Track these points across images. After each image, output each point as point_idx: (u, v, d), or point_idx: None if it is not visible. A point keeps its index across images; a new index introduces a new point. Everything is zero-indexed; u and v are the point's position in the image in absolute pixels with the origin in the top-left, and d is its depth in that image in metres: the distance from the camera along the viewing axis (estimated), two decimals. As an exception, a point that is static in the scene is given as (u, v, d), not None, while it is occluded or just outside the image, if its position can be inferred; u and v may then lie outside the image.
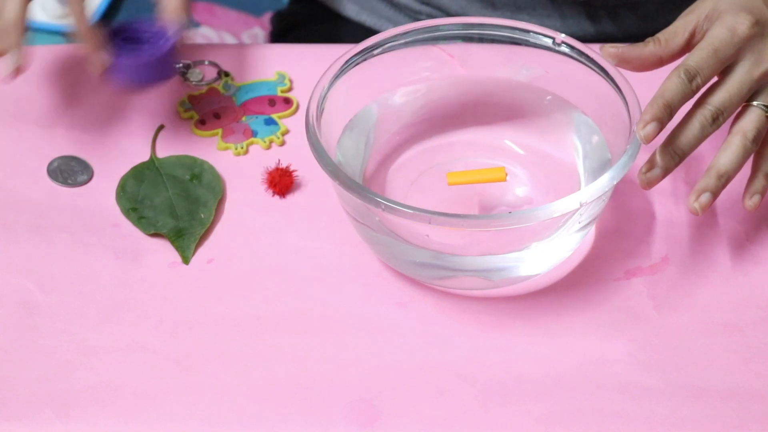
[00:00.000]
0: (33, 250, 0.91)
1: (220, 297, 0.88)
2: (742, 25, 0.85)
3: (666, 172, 0.83)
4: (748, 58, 0.85)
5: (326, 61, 0.91)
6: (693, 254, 0.90)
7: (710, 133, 0.84)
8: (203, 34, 1.95)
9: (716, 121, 0.84)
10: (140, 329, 0.87)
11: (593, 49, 0.90)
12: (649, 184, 0.84)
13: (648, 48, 0.87)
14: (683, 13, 0.87)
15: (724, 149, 0.85)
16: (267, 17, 1.93)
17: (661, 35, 0.87)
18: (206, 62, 1.04)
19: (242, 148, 0.98)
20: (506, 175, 0.88)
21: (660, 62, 0.87)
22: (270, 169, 0.95)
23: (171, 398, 0.83)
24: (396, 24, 1.14)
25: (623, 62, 0.87)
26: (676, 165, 0.84)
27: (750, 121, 0.85)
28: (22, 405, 0.83)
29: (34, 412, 0.82)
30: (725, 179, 0.84)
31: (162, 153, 0.98)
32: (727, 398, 0.82)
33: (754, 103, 0.85)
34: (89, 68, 0.91)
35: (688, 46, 0.86)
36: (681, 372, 0.84)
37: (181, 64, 1.02)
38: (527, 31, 0.92)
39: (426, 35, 0.93)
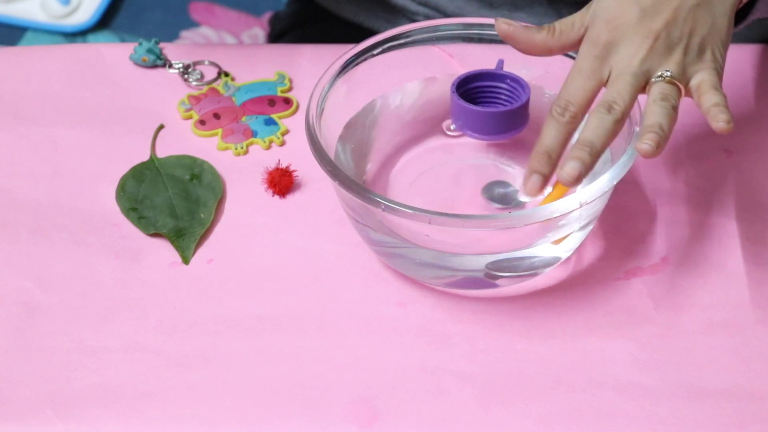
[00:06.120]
0: (33, 250, 0.91)
1: (220, 297, 0.88)
2: (601, 35, 0.83)
3: (582, 163, 0.80)
4: (622, 56, 0.83)
5: (326, 61, 0.91)
6: (693, 254, 0.90)
7: (612, 123, 0.81)
8: (203, 34, 1.95)
9: (611, 110, 0.81)
10: (140, 329, 0.87)
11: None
12: (572, 177, 0.80)
13: (540, 36, 0.86)
14: (587, 6, 0.86)
15: (649, 113, 0.82)
16: (267, 17, 1.93)
17: (558, 24, 0.86)
18: (206, 62, 1.04)
19: (242, 148, 0.98)
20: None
21: (549, 52, 0.87)
22: (270, 169, 0.95)
23: (171, 398, 0.83)
24: (394, 25, 1.14)
25: (512, 41, 0.86)
26: (591, 157, 0.80)
27: (655, 92, 0.83)
28: (22, 405, 0.83)
29: (34, 412, 0.82)
30: (664, 134, 0.81)
31: (162, 153, 0.98)
32: (727, 398, 0.83)
33: (652, 80, 0.84)
34: None
35: (581, 40, 0.85)
36: (681, 372, 0.84)
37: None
38: (527, 31, 0.92)
39: (426, 35, 0.93)
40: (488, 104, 0.91)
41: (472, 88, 0.91)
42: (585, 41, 0.84)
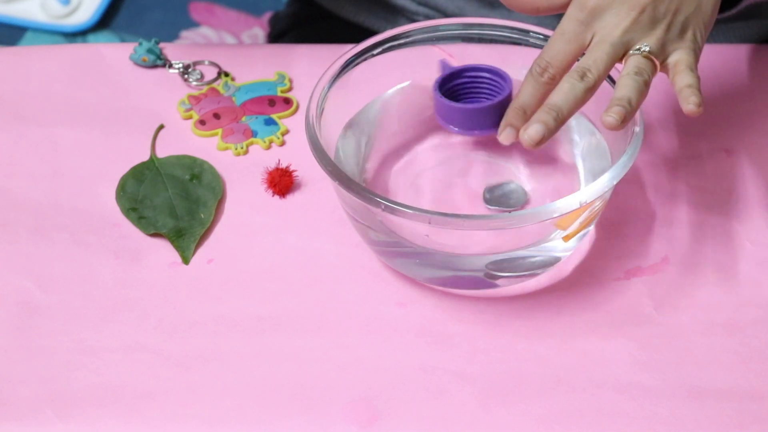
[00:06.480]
0: (33, 250, 0.91)
1: (220, 297, 0.88)
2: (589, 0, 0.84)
3: (546, 127, 0.80)
4: (605, 24, 0.84)
5: (326, 61, 0.91)
6: (693, 254, 0.90)
7: (582, 90, 0.82)
8: (203, 34, 1.95)
9: (584, 78, 0.82)
10: (140, 329, 0.87)
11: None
12: (533, 141, 0.80)
13: None
14: None
15: (621, 86, 0.82)
16: (267, 17, 1.93)
17: None
18: (206, 62, 1.04)
19: (242, 148, 0.98)
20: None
21: (536, 11, 0.87)
22: (270, 169, 0.95)
23: (171, 398, 0.83)
24: (394, 25, 1.14)
25: None
26: (556, 122, 0.81)
27: (631, 65, 0.83)
28: (22, 405, 0.83)
29: (34, 412, 0.82)
30: (631, 108, 0.82)
31: (162, 153, 0.98)
32: (727, 398, 0.83)
33: (630, 51, 0.84)
34: None
35: (569, 3, 0.85)
36: (681, 372, 0.84)
37: (181, 65, 1.03)
38: (527, 32, 0.92)
39: (426, 35, 0.93)
40: (470, 100, 0.91)
41: (455, 86, 0.91)
42: (572, 3, 0.85)
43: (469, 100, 0.90)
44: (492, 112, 0.87)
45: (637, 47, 0.83)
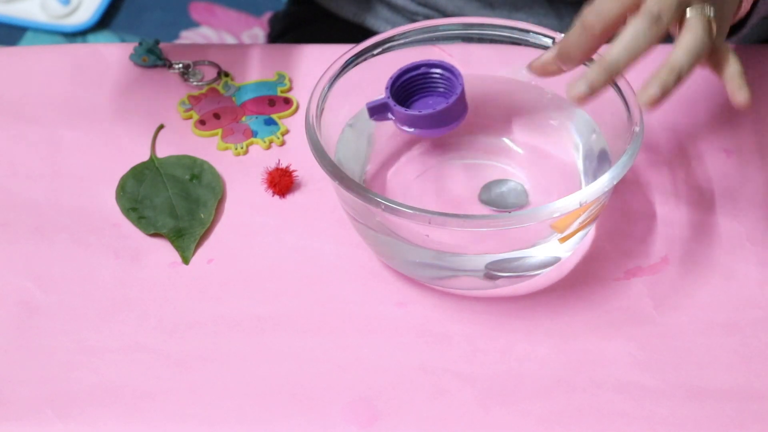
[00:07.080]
0: (33, 250, 0.91)
1: (220, 297, 0.88)
2: None
3: (603, 77, 0.78)
4: None
5: (326, 61, 0.91)
6: (693, 254, 0.90)
7: (653, 38, 0.78)
8: (203, 34, 1.95)
9: (658, 21, 0.78)
10: (140, 329, 0.87)
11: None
12: (592, 86, 0.78)
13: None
14: None
15: (681, 42, 0.79)
16: (267, 17, 1.93)
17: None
18: (206, 62, 1.04)
19: (242, 148, 0.98)
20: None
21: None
22: (270, 169, 0.95)
23: (171, 398, 0.83)
24: (394, 25, 1.14)
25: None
26: (611, 74, 0.78)
27: (693, 25, 0.79)
28: (22, 405, 0.83)
29: (34, 412, 0.82)
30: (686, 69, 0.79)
31: (162, 153, 0.98)
32: (727, 398, 0.83)
33: (688, 15, 0.80)
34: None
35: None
36: (681, 372, 0.84)
37: (185, 68, 1.03)
38: (527, 31, 0.92)
39: (426, 35, 0.93)
40: (423, 95, 0.91)
41: (407, 80, 0.91)
42: None
43: (421, 95, 0.91)
44: (444, 114, 0.88)
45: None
